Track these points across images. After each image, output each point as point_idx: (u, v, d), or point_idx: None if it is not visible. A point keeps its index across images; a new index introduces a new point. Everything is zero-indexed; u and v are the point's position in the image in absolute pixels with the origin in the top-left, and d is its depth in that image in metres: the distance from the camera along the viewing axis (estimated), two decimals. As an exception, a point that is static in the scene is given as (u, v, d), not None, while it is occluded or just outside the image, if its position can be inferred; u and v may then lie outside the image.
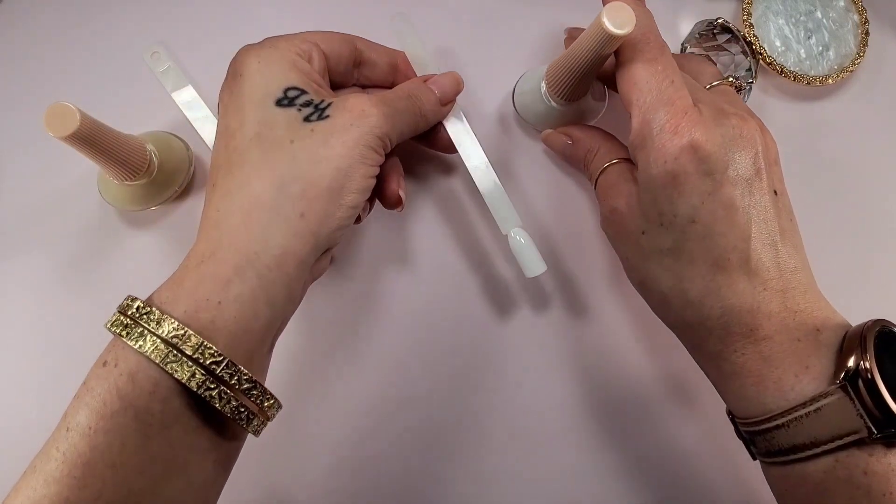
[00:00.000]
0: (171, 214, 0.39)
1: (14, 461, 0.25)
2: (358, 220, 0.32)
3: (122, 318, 0.25)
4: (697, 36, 0.41)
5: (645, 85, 0.29)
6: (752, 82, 0.39)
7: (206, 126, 0.40)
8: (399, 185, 0.33)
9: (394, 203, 0.33)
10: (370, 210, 0.35)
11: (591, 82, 0.37)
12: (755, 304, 0.27)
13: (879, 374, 0.24)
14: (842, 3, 0.43)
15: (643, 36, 0.30)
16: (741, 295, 0.27)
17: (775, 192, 0.29)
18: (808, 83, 0.42)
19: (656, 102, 0.29)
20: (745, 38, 0.40)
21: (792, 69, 0.42)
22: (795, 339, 0.27)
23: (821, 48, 0.42)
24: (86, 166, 0.35)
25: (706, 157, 0.27)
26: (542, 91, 0.39)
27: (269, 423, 0.28)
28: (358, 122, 0.28)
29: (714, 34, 0.40)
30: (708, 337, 0.28)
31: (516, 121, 0.41)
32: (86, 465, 0.23)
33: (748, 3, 0.42)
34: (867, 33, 0.43)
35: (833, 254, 0.41)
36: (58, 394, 0.25)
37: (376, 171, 0.30)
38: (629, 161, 0.32)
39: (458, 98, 0.35)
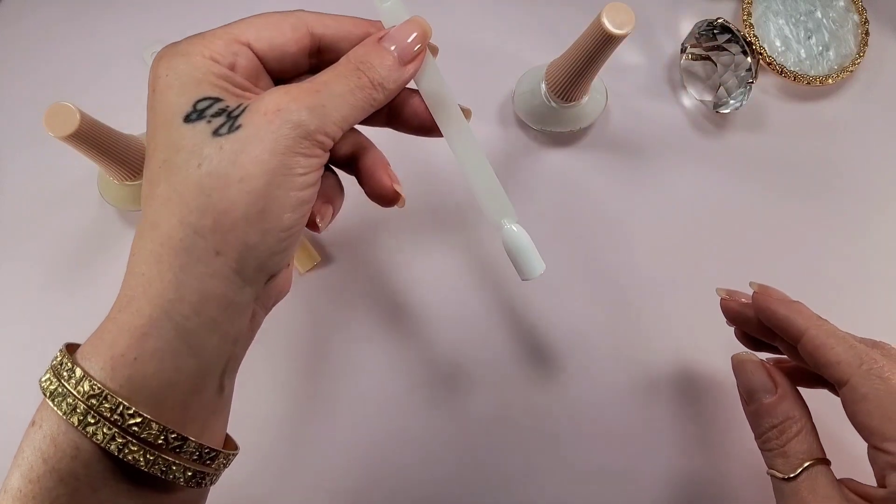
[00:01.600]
0: (171, 214, 0.39)
1: (10, 462, 0.24)
2: (315, 228, 0.28)
3: (51, 374, 0.23)
4: (697, 36, 0.41)
5: (884, 407, 0.26)
6: (752, 82, 0.39)
7: (205, 126, 0.40)
8: (392, 178, 0.29)
9: (390, 199, 0.29)
10: (333, 217, 0.30)
11: (591, 82, 0.37)
12: None
13: None
14: (842, 3, 0.43)
15: (872, 359, 0.28)
16: None
17: None
18: (808, 83, 0.42)
19: None
20: (745, 38, 0.40)
21: (792, 69, 0.42)
22: None
23: (821, 48, 0.42)
24: (86, 166, 0.35)
25: None
26: (542, 91, 0.39)
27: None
28: (275, 127, 0.24)
29: (714, 34, 0.40)
30: None
31: (516, 121, 0.41)
32: None
33: (748, 3, 0.42)
34: (867, 33, 0.43)
35: (833, 254, 0.41)
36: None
37: (315, 176, 0.25)
38: (827, 463, 0.29)
39: (435, 55, 0.29)
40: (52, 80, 0.41)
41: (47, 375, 0.23)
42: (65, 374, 0.22)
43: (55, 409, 0.22)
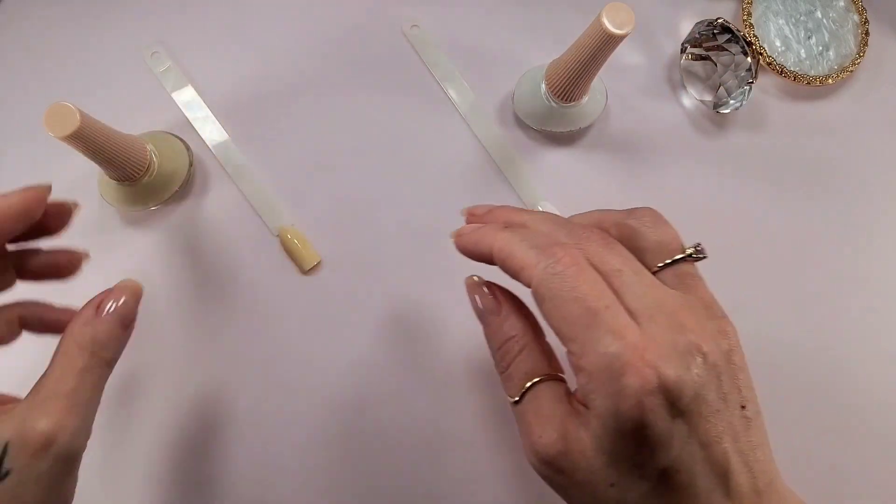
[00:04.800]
0: (171, 214, 0.39)
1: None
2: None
3: None
4: (697, 36, 0.41)
5: (572, 314, 0.24)
6: (752, 82, 0.39)
7: (206, 126, 0.40)
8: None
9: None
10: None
11: (591, 82, 0.37)
12: None
13: None
14: (842, 3, 0.43)
15: (552, 257, 0.25)
16: None
17: (742, 407, 0.25)
18: (808, 83, 0.42)
19: (593, 335, 0.23)
20: (745, 38, 0.40)
21: (792, 69, 0.42)
22: None
23: (821, 48, 0.42)
24: (86, 166, 0.35)
25: (677, 398, 0.23)
26: (542, 91, 0.39)
27: None
28: (46, 465, 0.23)
29: (714, 34, 0.40)
30: None
31: (516, 121, 0.41)
32: None
33: (748, 3, 0.42)
34: (867, 33, 0.43)
35: (833, 253, 0.41)
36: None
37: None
38: (561, 380, 0.26)
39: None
40: (51, 80, 0.41)
41: None
42: None
43: None
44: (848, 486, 0.36)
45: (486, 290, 0.29)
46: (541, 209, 0.39)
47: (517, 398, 0.26)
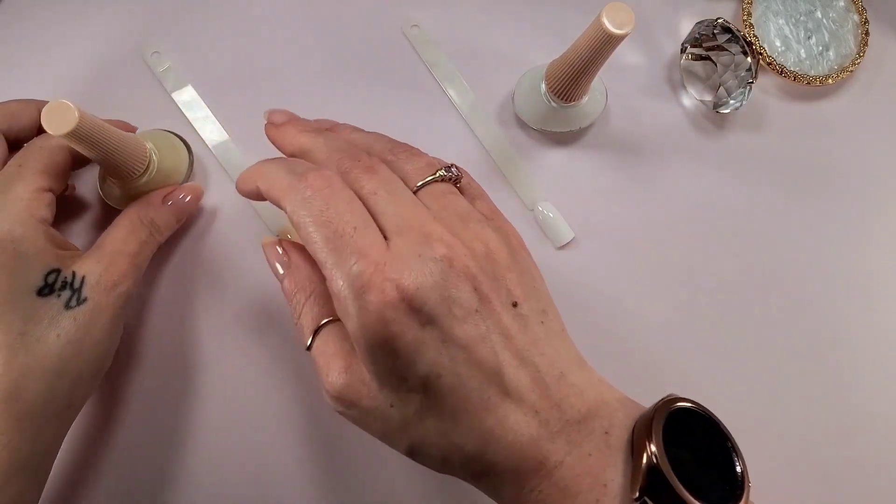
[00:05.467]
0: (171, 214, 0.39)
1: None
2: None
3: None
4: (697, 36, 0.41)
5: (321, 237, 0.24)
6: (752, 82, 0.39)
7: (206, 126, 0.40)
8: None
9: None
10: None
11: (591, 82, 0.37)
12: (533, 432, 0.24)
13: (675, 473, 0.22)
14: (842, 3, 0.43)
15: (303, 181, 0.25)
16: (517, 429, 0.24)
17: (514, 304, 0.25)
18: (808, 83, 0.42)
19: (340, 257, 0.24)
20: (745, 38, 0.40)
21: (792, 69, 0.42)
22: (587, 455, 0.23)
23: (821, 48, 0.42)
24: (86, 165, 0.35)
25: (420, 305, 0.23)
26: (542, 91, 0.39)
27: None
28: (111, 299, 0.30)
29: (714, 34, 0.40)
30: (502, 485, 0.25)
31: (516, 121, 0.41)
32: None
33: (748, 3, 0.42)
34: (867, 33, 0.43)
35: (833, 253, 0.41)
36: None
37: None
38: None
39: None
40: (51, 80, 0.41)
41: None
42: None
43: None
44: (848, 487, 0.36)
45: (278, 248, 0.29)
46: (541, 209, 0.39)
47: (308, 344, 0.27)
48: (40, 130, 0.33)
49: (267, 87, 0.41)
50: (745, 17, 0.42)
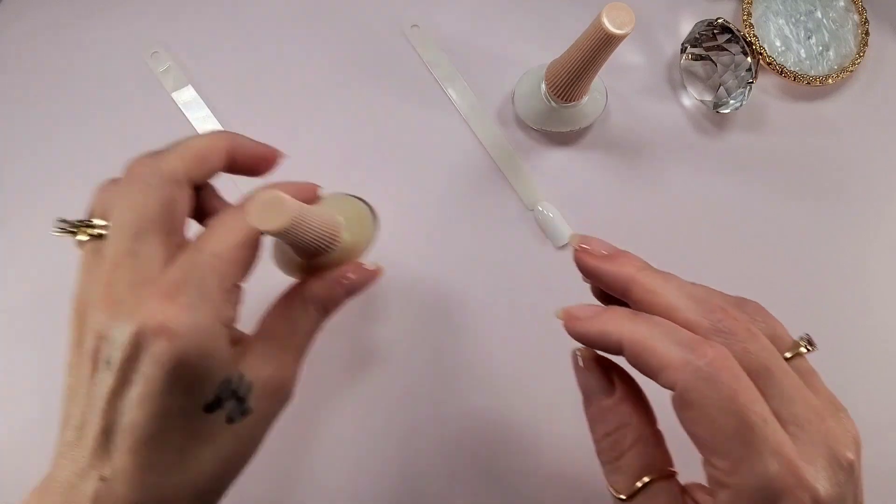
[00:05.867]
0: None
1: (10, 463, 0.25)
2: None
3: None
4: (697, 36, 0.41)
5: (729, 426, 0.21)
6: (752, 82, 0.39)
7: (206, 126, 0.40)
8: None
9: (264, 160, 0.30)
10: None
11: (591, 82, 0.37)
12: None
13: None
14: (842, 3, 0.43)
15: (702, 358, 0.22)
16: None
17: None
18: (808, 83, 0.42)
19: (750, 451, 0.21)
20: (745, 38, 0.40)
21: (792, 69, 0.42)
22: None
23: (821, 48, 0.42)
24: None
25: None
26: (542, 91, 0.39)
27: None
28: (276, 408, 0.27)
29: (714, 34, 0.40)
30: None
31: (516, 121, 0.41)
32: None
33: (748, 3, 0.42)
34: (867, 33, 0.43)
35: (833, 253, 0.41)
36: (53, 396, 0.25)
37: None
38: (673, 476, 0.24)
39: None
40: (51, 80, 0.41)
41: None
42: None
43: None
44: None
45: (596, 366, 0.26)
46: (541, 209, 0.39)
47: (627, 496, 0.24)
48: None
49: (267, 87, 0.41)
50: (745, 17, 0.42)
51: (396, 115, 0.41)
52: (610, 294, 0.27)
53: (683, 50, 0.42)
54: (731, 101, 0.40)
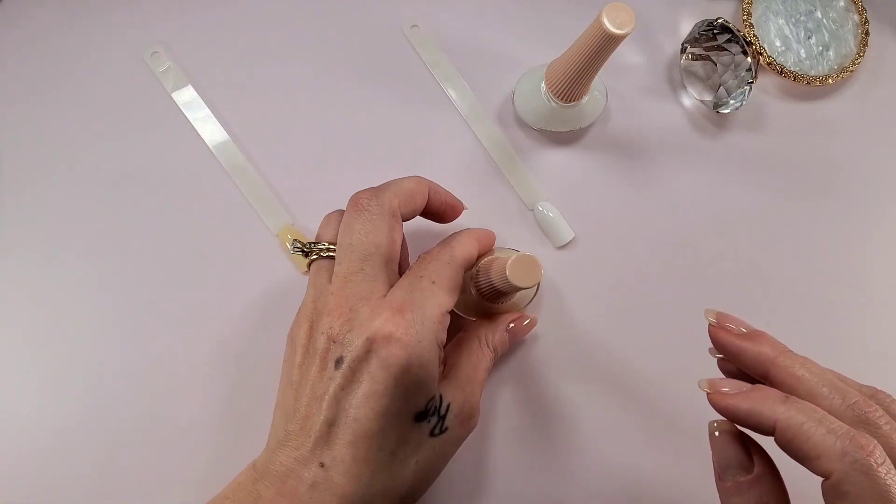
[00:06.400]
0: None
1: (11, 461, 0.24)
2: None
3: None
4: (697, 36, 0.41)
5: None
6: (752, 82, 0.39)
7: (206, 126, 0.40)
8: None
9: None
10: None
11: (591, 82, 0.37)
12: None
13: None
14: (842, 3, 0.43)
15: (861, 450, 0.22)
16: None
17: None
18: (808, 83, 0.42)
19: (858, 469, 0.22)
20: (745, 38, 0.40)
21: (792, 69, 0.42)
22: None
23: (821, 48, 0.42)
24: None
25: None
26: (542, 91, 0.39)
27: None
28: (467, 433, 0.30)
29: (714, 34, 0.40)
30: None
31: (516, 121, 0.41)
32: None
33: (748, 3, 0.42)
34: (867, 33, 0.43)
35: (833, 254, 0.41)
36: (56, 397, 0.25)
37: None
38: None
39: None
40: (50, 80, 0.41)
41: None
42: None
43: None
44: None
45: (736, 440, 0.26)
46: (541, 209, 0.39)
47: None
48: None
49: (267, 87, 0.41)
50: (745, 17, 0.42)
51: (396, 115, 0.41)
52: (744, 371, 0.28)
53: (683, 50, 0.42)
54: (731, 101, 0.40)
